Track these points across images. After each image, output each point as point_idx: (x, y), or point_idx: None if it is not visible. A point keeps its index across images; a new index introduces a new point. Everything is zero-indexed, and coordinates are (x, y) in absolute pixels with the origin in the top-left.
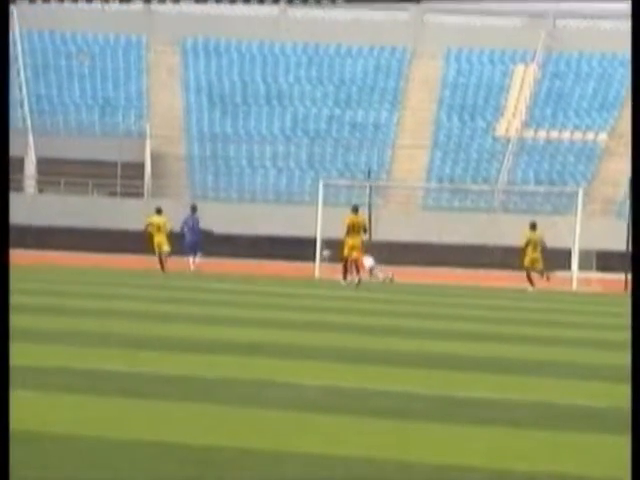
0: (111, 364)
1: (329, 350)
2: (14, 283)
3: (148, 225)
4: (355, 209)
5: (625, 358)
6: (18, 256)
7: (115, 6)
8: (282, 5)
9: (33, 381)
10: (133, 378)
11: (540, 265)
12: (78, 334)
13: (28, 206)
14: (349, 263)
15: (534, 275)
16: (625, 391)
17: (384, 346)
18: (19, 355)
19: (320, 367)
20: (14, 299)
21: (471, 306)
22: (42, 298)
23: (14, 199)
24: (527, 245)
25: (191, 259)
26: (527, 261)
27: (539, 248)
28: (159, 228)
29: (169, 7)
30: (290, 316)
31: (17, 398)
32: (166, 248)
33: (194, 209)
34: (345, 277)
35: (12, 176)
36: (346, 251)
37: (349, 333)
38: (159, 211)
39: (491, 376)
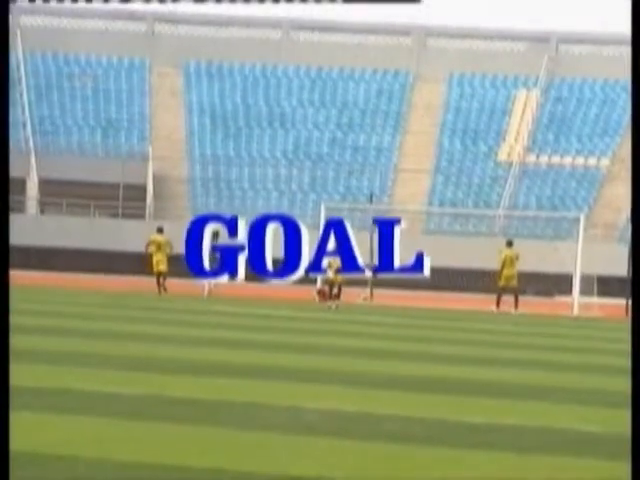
0: (111, 386)
1: (329, 373)
2: (16, 304)
3: (149, 244)
4: None
5: (626, 384)
6: (20, 277)
7: (118, 27)
8: (285, 28)
9: (34, 402)
10: (133, 400)
11: (515, 282)
12: (79, 355)
13: (30, 227)
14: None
15: (509, 297)
16: (625, 416)
17: (385, 370)
18: (20, 376)
19: (320, 390)
20: (15, 320)
21: (472, 330)
22: (43, 319)
23: (16, 220)
24: (504, 262)
25: (210, 281)
26: (503, 281)
27: (514, 265)
28: (159, 247)
29: (172, 29)
30: (291, 339)
31: (18, 419)
32: (163, 268)
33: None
34: (333, 299)
35: (14, 197)
36: (331, 274)
37: (349, 356)
38: (160, 230)
39: (492, 401)
